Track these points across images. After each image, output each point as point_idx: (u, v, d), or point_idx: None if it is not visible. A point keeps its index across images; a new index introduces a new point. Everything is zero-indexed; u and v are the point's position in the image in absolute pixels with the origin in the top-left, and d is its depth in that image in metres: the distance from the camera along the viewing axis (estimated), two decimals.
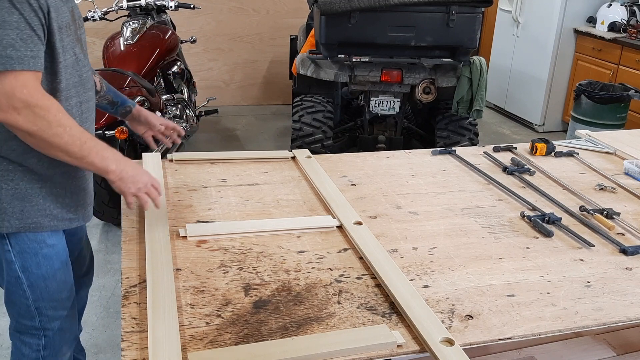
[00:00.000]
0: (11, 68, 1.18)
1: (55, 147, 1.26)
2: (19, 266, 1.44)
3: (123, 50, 3.34)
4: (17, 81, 1.19)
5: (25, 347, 1.56)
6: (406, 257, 1.45)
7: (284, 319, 1.19)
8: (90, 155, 1.30)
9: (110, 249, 3.07)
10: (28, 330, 1.54)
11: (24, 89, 1.19)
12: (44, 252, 1.45)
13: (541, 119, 5.24)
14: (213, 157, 2.01)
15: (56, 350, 1.58)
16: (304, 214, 1.65)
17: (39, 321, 1.52)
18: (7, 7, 1.17)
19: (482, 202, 1.79)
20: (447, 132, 3.52)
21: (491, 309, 1.26)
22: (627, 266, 1.46)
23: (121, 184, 1.37)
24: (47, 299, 1.50)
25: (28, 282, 1.46)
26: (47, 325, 1.53)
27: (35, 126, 1.22)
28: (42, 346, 1.55)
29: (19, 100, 1.19)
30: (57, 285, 1.51)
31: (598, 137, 2.38)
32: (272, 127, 5.10)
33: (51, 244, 1.47)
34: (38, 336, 1.54)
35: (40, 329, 1.53)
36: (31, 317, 1.51)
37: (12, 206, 1.38)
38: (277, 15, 5.47)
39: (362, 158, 2.11)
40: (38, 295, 1.48)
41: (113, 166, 1.34)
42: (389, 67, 3.31)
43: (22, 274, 1.45)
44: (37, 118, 1.21)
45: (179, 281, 1.30)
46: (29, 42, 1.20)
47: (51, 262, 1.48)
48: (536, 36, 5.17)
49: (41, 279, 1.47)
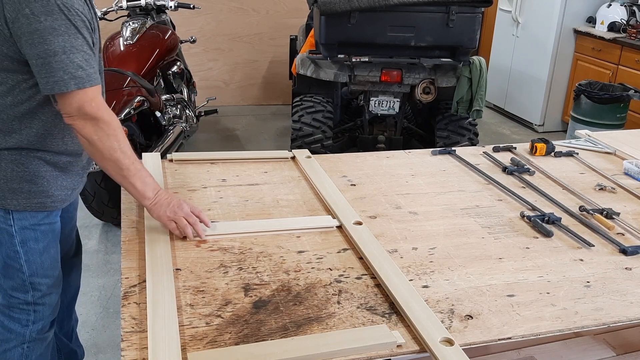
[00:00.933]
0: (83, 87, 1.35)
1: (107, 158, 1.41)
2: (18, 241, 1.54)
3: (123, 50, 3.34)
4: (86, 96, 1.36)
5: (13, 323, 1.63)
6: (406, 257, 1.45)
7: (283, 319, 1.19)
8: (134, 177, 1.44)
9: (110, 249, 3.07)
10: (19, 305, 1.61)
11: (92, 103, 1.37)
12: (42, 228, 1.56)
13: (541, 119, 5.24)
14: (213, 157, 2.01)
15: (44, 325, 1.66)
16: (303, 214, 1.65)
17: (32, 296, 1.61)
18: (73, 34, 1.33)
19: (481, 202, 1.79)
20: (447, 132, 3.52)
21: (491, 309, 1.26)
22: (627, 266, 1.46)
23: (157, 209, 1.46)
24: (42, 275, 1.60)
25: (26, 257, 1.56)
26: (39, 300, 1.62)
27: (96, 136, 1.39)
28: (31, 321, 1.63)
29: (88, 113, 1.37)
30: (51, 262, 1.61)
31: (598, 137, 2.38)
32: (272, 127, 5.10)
33: (49, 222, 1.58)
34: (28, 311, 1.62)
35: (31, 304, 1.62)
36: (25, 291, 1.60)
37: (21, 187, 1.50)
38: (277, 15, 5.47)
39: (362, 158, 2.11)
40: (34, 271, 1.58)
41: (150, 193, 1.46)
42: (388, 67, 3.31)
43: (21, 248, 1.55)
44: (99, 130, 1.39)
45: (178, 281, 1.30)
46: (90, 61, 1.38)
47: (48, 239, 1.58)
48: (536, 36, 5.17)
49: (37, 254, 1.57)
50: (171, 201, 1.47)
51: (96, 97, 1.38)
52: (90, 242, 3.12)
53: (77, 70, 1.33)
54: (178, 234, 1.46)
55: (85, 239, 3.11)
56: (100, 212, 3.09)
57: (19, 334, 1.63)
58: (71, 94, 1.35)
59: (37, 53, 1.31)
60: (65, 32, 1.31)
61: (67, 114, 1.39)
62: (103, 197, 2.98)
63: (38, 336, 1.66)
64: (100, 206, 3.04)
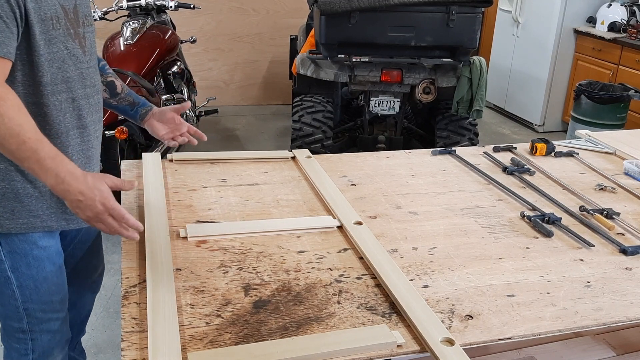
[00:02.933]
0: None
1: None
2: (8, 266, 1.41)
3: (123, 50, 3.34)
4: None
5: (13, 352, 1.53)
6: (406, 257, 1.45)
7: (284, 319, 1.19)
8: (28, 160, 1.18)
9: (110, 249, 3.07)
10: (14, 334, 1.50)
11: None
12: (34, 253, 1.42)
13: (541, 119, 5.24)
14: (213, 157, 2.01)
15: (46, 353, 1.54)
16: (304, 214, 1.65)
17: (27, 323, 1.48)
18: None
19: (482, 202, 1.79)
20: (447, 132, 3.52)
21: (491, 309, 1.26)
22: (627, 266, 1.46)
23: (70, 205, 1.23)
24: (37, 301, 1.47)
25: (17, 282, 1.43)
26: (35, 327, 1.49)
27: None
28: (30, 350, 1.51)
29: None
30: (48, 287, 1.47)
31: (598, 137, 2.38)
32: (272, 127, 5.10)
33: (42, 246, 1.43)
34: (25, 340, 1.50)
35: (27, 332, 1.49)
36: (19, 318, 1.47)
37: (3, 206, 1.35)
38: (277, 15, 5.47)
39: (362, 158, 2.11)
40: (27, 297, 1.45)
41: (51, 180, 1.20)
42: (389, 67, 3.31)
43: (12, 274, 1.42)
44: None
45: (179, 281, 1.30)
46: None
47: (42, 264, 1.45)
48: (536, 36, 5.17)
49: (31, 280, 1.44)
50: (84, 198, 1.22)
51: None
52: None
53: None
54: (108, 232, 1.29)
55: None
56: None
57: None
58: None
59: None
60: None
61: None
62: None
63: None
64: None
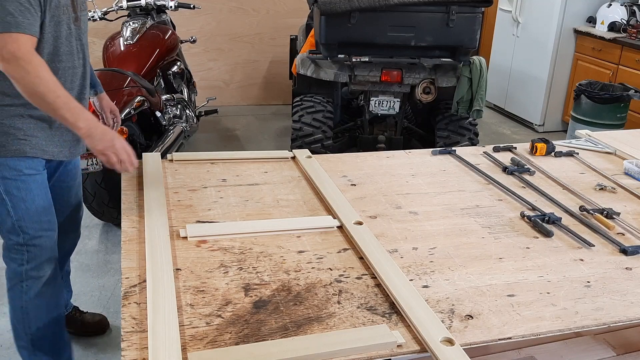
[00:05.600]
0: (8, 30, 1.47)
1: (32, 94, 1.53)
2: (2, 190, 1.72)
3: (123, 50, 3.34)
4: (10, 38, 1.48)
5: (12, 263, 1.83)
6: (406, 257, 1.45)
7: (284, 319, 1.19)
8: (62, 109, 1.55)
9: (110, 249, 3.07)
10: (14, 246, 1.80)
11: (14, 44, 1.48)
12: (22, 178, 1.72)
13: (541, 119, 5.24)
14: (213, 157, 2.01)
15: (37, 264, 1.83)
16: (304, 214, 1.65)
17: (23, 238, 1.78)
18: None
19: (482, 202, 1.79)
20: (447, 132, 3.51)
21: (491, 309, 1.26)
22: (627, 266, 1.46)
23: (90, 141, 1.59)
24: (29, 220, 1.77)
25: (11, 203, 1.73)
26: (30, 242, 1.79)
27: (17, 74, 1.51)
28: (25, 260, 1.82)
29: (8, 51, 1.49)
30: (36, 208, 1.77)
31: (598, 137, 2.38)
32: (272, 127, 5.10)
33: (30, 173, 1.73)
34: (21, 251, 1.80)
35: (23, 245, 1.79)
36: (17, 234, 1.78)
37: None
38: (277, 15, 5.46)
39: (362, 158, 2.11)
40: (20, 216, 1.75)
41: (82, 124, 1.57)
42: (389, 67, 3.30)
43: (6, 196, 1.72)
44: (19, 68, 1.50)
45: (179, 281, 1.30)
46: (26, 13, 1.49)
47: (30, 187, 1.74)
48: (536, 36, 5.17)
49: (21, 201, 1.74)
50: (105, 135, 1.59)
51: (19, 40, 1.49)
52: (91, 242, 3.12)
53: (7, 16, 1.46)
54: (108, 165, 1.61)
55: (85, 239, 3.11)
56: (101, 212, 3.09)
57: (17, 273, 1.83)
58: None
59: None
60: None
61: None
62: (103, 197, 2.98)
63: (33, 274, 1.83)
64: (100, 206, 3.03)
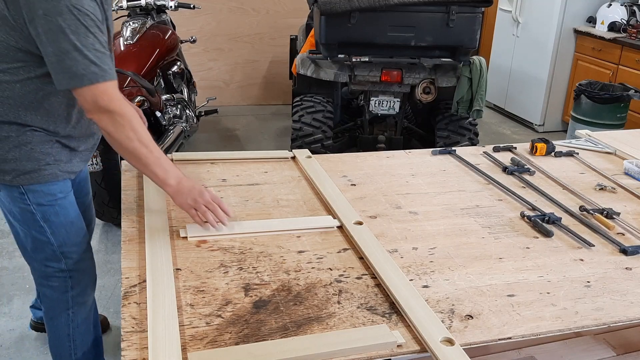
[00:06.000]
0: (96, 82, 1.41)
1: (125, 148, 1.48)
2: (39, 217, 1.64)
3: (123, 50, 3.34)
4: (98, 90, 1.42)
5: (54, 291, 1.75)
6: (406, 257, 1.45)
7: (284, 319, 1.19)
8: (153, 165, 1.49)
9: (110, 249, 3.07)
10: (55, 274, 1.73)
11: (104, 97, 1.43)
12: (58, 202, 1.65)
13: (541, 119, 5.24)
14: (213, 157, 2.01)
15: (82, 289, 1.78)
16: (304, 214, 1.65)
17: (65, 263, 1.72)
18: (83, 32, 1.38)
19: (482, 202, 1.79)
20: (447, 132, 3.51)
21: (491, 309, 1.26)
22: (627, 266, 1.46)
23: (179, 197, 1.51)
24: (70, 244, 1.70)
25: (50, 230, 1.66)
26: (73, 267, 1.73)
27: (112, 127, 1.45)
28: (70, 287, 1.75)
29: (102, 106, 1.43)
30: (76, 230, 1.72)
31: (598, 137, 2.38)
32: (272, 127, 5.10)
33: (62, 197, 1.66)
34: (64, 278, 1.73)
35: (66, 271, 1.73)
36: (58, 260, 1.70)
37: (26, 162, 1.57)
38: (277, 15, 5.46)
39: (362, 158, 2.11)
40: (61, 241, 1.68)
41: (172, 181, 1.50)
42: (389, 67, 3.30)
43: (44, 223, 1.64)
44: (114, 122, 1.45)
45: (179, 281, 1.30)
46: (103, 58, 1.43)
47: (67, 212, 1.68)
48: (536, 36, 5.17)
49: (61, 227, 1.67)
50: (193, 189, 1.51)
51: (109, 91, 1.44)
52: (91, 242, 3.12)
53: (90, 66, 1.39)
54: (199, 221, 1.50)
55: None
56: (101, 212, 3.09)
57: (61, 301, 1.76)
58: (85, 89, 1.41)
59: (52, 51, 1.37)
60: (76, 32, 1.36)
61: (86, 109, 1.46)
62: (103, 197, 2.98)
63: (79, 300, 1.78)
64: (100, 206, 3.03)
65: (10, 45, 1.44)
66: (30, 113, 1.53)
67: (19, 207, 1.62)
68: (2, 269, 2.83)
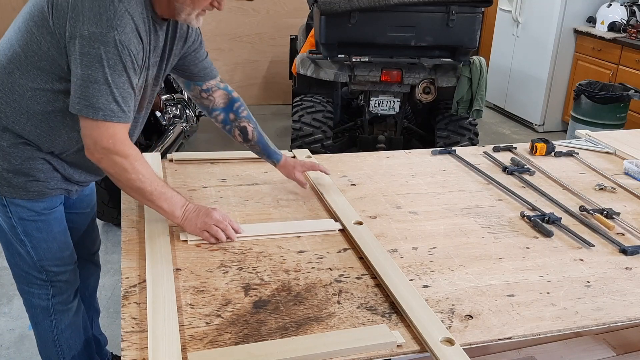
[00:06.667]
0: (110, 120, 1.36)
1: (129, 188, 1.44)
2: (20, 231, 1.59)
3: None
4: (108, 130, 1.37)
5: (36, 299, 1.72)
6: (406, 257, 1.45)
7: (284, 319, 1.19)
8: (159, 200, 1.46)
9: (110, 249, 3.07)
10: (36, 282, 1.69)
11: (110, 139, 1.37)
12: (41, 218, 1.60)
13: (541, 119, 5.24)
14: (213, 157, 2.01)
15: (64, 298, 1.74)
16: (304, 214, 1.65)
17: (46, 275, 1.68)
18: (119, 70, 1.34)
19: (482, 202, 1.79)
20: (447, 132, 3.52)
21: (491, 308, 1.26)
22: (627, 266, 1.46)
23: (188, 225, 1.49)
24: (51, 258, 1.65)
25: (31, 244, 1.61)
26: (54, 278, 1.69)
27: (113, 170, 1.41)
28: (51, 295, 1.71)
29: (105, 147, 1.38)
30: (58, 245, 1.66)
31: (598, 137, 2.38)
32: (272, 127, 5.10)
33: (49, 211, 1.60)
34: (46, 287, 1.70)
35: (47, 281, 1.69)
36: (39, 271, 1.67)
37: (16, 179, 1.52)
38: (277, 15, 5.46)
39: (362, 158, 2.11)
40: (41, 255, 1.64)
41: (178, 212, 1.48)
42: (388, 67, 3.30)
43: (25, 237, 1.60)
44: (115, 164, 1.40)
45: (179, 281, 1.30)
46: (127, 100, 1.39)
47: (50, 227, 1.62)
48: (536, 36, 5.17)
49: (43, 242, 1.62)
50: (199, 212, 1.49)
51: (118, 134, 1.38)
52: None
53: (110, 104, 1.35)
54: (213, 241, 1.48)
55: None
56: (101, 212, 3.09)
57: (43, 308, 1.72)
58: (94, 123, 1.36)
59: (81, 74, 1.33)
60: (113, 66, 1.33)
61: (85, 145, 1.40)
62: (103, 197, 2.98)
63: (62, 308, 1.74)
64: (100, 206, 3.03)
65: (41, 48, 1.38)
66: (30, 123, 1.47)
67: (1, 217, 1.59)
68: (2, 269, 2.82)
